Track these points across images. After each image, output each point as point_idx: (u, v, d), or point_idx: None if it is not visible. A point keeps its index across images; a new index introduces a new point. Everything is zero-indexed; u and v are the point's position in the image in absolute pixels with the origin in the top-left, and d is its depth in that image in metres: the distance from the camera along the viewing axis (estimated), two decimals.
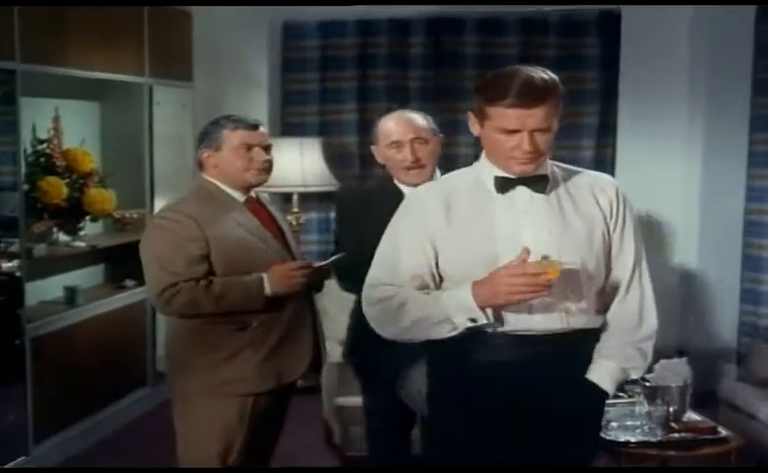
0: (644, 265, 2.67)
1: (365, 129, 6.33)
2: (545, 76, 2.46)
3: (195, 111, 5.81)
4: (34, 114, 4.89)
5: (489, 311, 2.44)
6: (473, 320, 2.44)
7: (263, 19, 6.27)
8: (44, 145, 4.98)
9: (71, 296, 5.04)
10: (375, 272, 2.64)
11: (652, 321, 2.66)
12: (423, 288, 2.57)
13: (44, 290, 5.08)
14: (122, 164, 5.51)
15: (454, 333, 2.47)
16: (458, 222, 2.56)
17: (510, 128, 2.44)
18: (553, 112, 2.45)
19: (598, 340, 2.63)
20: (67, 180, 4.99)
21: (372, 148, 3.44)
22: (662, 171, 5.83)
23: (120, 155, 5.56)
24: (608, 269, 2.62)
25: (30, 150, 4.91)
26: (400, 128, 3.33)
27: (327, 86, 6.39)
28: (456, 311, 2.46)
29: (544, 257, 2.41)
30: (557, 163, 2.65)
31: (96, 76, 5.06)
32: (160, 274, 3.05)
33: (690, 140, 5.83)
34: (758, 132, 5.61)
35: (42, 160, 4.95)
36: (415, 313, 2.52)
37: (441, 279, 2.59)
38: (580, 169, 2.70)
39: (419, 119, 3.39)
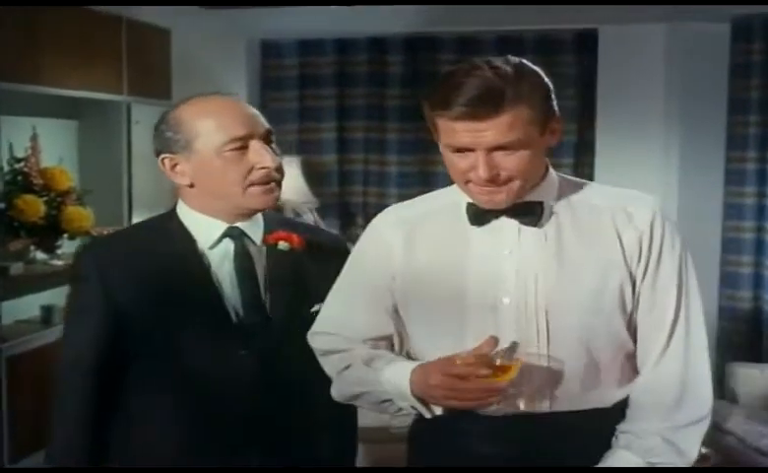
0: (694, 322, 1.93)
1: (344, 147, 6.36)
2: (509, 70, 1.79)
3: None
4: (12, 133, 4.85)
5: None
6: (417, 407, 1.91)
7: (242, 36, 6.27)
8: (22, 163, 4.95)
9: (47, 314, 5.00)
10: (324, 316, 2.10)
11: (698, 402, 1.91)
12: (385, 338, 2.06)
13: (21, 308, 5.04)
14: (100, 182, 5.46)
15: (404, 414, 1.97)
16: (422, 260, 1.96)
17: (459, 146, 1.81)
18: (526, 120, 1.78)
19: (618, 419, 1.94)
20: (45, 198, 4.96)
21: (166, 160, 2.18)
22: (639, 189, 5.84)
23: (98, 173, 5.52)
24: (634, 331, 1.93)
25: (6, 168, 4.88)
26: (245, 119, 2.09)
27: (306, 104, 6.39)
28: (396, 396, 1.93)
29: (511, 346, 1.83)
30: (574, 179, 2.04)
31: (74, 94, 5.04)
32: None
33: (667, 158, 5.87)
34: (734, 150, 5.66)
35: (20, 178, 4.92)
36: (357, 386, 2.01)
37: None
38: (607, 188, 2.04)
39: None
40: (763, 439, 4.44)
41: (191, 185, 2.12)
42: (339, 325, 2.06)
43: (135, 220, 5.42)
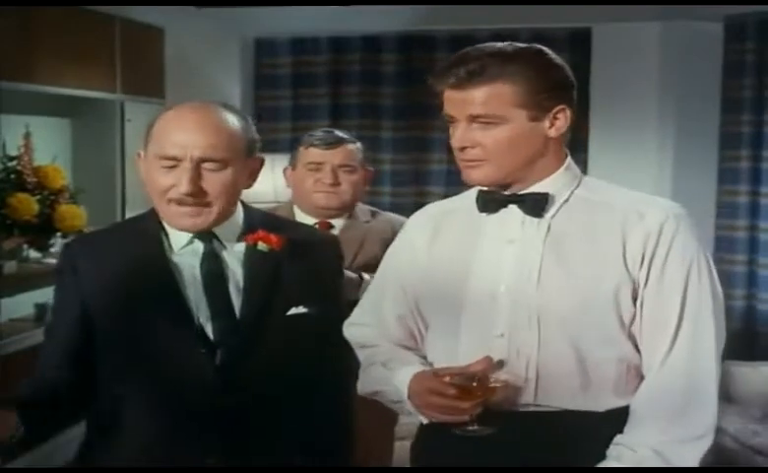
0: (702, 334, 1.84)
1: None
2: (502, 49, 1.89)
3: None
4: (5, 131, 4.85)
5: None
6: None
7: (235, 35, 6.27)
8: (15, 162, 4.95)
9: (42, 313, 4.99)
10: (359, 308, 2.17)
11: (698, 418, 1.85)
12: (410, 334, 2.08)
13: (15, 307, 5.02)
14: (93, 180, 5.47)
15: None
16: (439, 251, 2.01)
17: (447, 115, 1.90)
18: (507, 98, 1.84)
19: (615, 429, 1.87)
20: (38, 197, 4.96)
21: (140, 152, 2.21)
22: (632, 188, 5.84)
23: (91, 171, 5.53)
24: (632, 336, 1.87)
25: (0, 167, 4.88)
26: (186, 140, 2.07)
27: (299, 102, 6.38)
28: (403, 399, 1.97)
29: (498, 364, 1.84)
30: (602, 182, 2.07)
31: (67, 93, 5.03)
32: None
33: (661, 156, 5.88)
34: (728, 149, 5.66)
35: (13, 176, 4.91)
36: (375, 385, 2.06)
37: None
38: (632, 192, 2.03)
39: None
40: (756, 437, 4.45)
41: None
42: (370, 318, 2.13)
43: (128, 217, 5.42)
